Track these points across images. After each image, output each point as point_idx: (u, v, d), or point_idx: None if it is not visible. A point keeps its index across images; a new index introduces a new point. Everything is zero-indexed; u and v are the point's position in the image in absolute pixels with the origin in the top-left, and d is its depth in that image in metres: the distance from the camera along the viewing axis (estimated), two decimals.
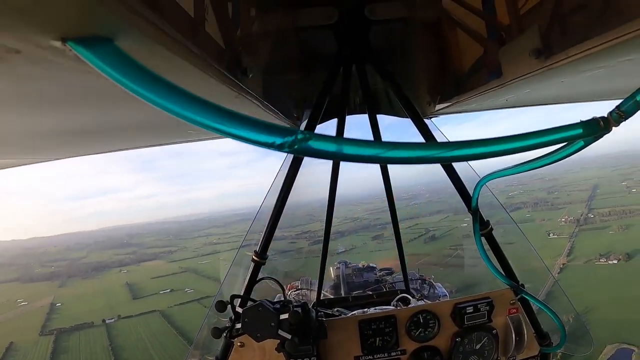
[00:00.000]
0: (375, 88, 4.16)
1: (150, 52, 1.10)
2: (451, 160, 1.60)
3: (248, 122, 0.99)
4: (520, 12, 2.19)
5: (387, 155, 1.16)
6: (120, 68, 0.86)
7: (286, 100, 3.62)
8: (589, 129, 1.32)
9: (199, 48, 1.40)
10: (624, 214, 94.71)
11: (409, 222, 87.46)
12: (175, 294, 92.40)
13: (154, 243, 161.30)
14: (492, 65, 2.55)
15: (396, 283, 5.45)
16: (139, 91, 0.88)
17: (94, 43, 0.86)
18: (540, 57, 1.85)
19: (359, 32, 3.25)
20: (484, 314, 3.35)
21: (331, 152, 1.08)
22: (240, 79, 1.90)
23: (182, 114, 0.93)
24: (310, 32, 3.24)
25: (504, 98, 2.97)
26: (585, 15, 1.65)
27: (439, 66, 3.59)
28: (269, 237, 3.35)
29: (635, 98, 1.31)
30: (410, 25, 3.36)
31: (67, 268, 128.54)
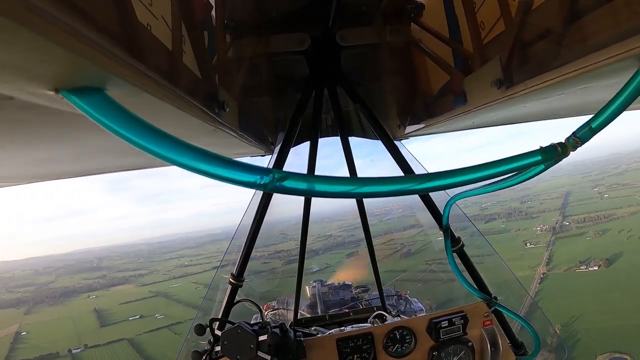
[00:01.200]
0: (347, 110, 4.21)
1: (135, 96, 1.15)
2: (421, 192, 1.65)
3: (229, 165, 1.07)
4: (483, 41, 2.34)
5: (359, 191, 1.26)
6: (109, 115, 0.93)
7: (261, 126, 3.76)
8: (547, 155, 1.42)
9: (179, 87, 1.48)
10: (599, 220, 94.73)
11: (383, 238, 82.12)
12: (144, 320, 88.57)
13: (124, 266, 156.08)
14: (457, 91, 2.64)
15: (372, 300, 5.49)
16: (127, 137, 0.95)
17: (84, 92, 0.92)
18: (502, 88, 1.98)
19: (331, 57, 3.34)
20: (459, 327, 3.34)
21: (305, 190, 1.20)
22: (218, 114, 1.97)
23: (167, 157, 1.00)
24: (283, 58, 3.31)
25: (470, 121, 3.02)
26: (544, 47, 1.77)
27: (409, 90, 3.78)
28: (245, 259, 3.43)
29: (590, 125, 1.40)
30: (380, 51, 3.50)
31: (34, 294, 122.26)
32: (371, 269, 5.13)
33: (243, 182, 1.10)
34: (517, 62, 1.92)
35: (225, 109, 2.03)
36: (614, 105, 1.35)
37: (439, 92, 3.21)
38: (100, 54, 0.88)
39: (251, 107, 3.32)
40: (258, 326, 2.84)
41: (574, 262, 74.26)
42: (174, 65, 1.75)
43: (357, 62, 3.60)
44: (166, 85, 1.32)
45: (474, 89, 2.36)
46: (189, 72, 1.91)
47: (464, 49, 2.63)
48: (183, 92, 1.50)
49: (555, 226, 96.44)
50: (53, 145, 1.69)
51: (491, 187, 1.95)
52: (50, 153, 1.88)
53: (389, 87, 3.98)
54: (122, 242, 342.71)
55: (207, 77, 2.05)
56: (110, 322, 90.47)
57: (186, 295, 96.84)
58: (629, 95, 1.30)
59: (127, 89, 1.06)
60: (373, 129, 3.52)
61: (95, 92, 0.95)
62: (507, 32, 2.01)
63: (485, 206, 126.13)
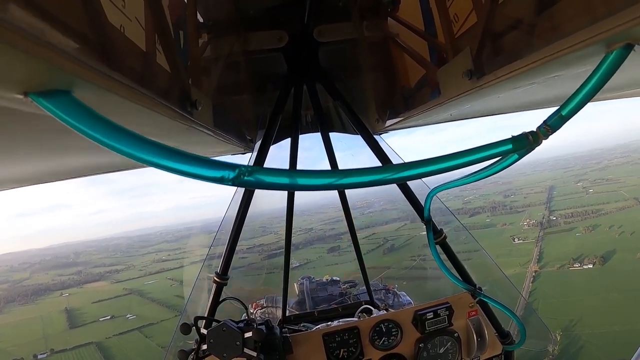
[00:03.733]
0: (327, 106, 4.25)
1: (105, 98, 1.17)
2: (398, 181, 1.62)
3: (194, 160, 1.07)
4: (457, 34, 2.34)
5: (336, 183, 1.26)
6: (77, 116, 0.96)
7: (239, 123, 3.78)
8: (518, 144, 1.43)
9: (150, 89, 1.50)
10: (587, 215, 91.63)
11: (365, 232, 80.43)
12: (115, 321, 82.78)
13: (101, 261, 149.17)
14: (433, 84, 2.67)
15: (360, 295, 5.46)
16: (94, 136, 0.97)
17: (53, 95, 0.95)
18: (473, 78, 1.99)
19: (309, 54, 3.35)
20: (444, 318, 3.38)
21: (274, 183, 1.17)
22: (190, 112, 1.97)
23: (134, 155, 1.01)
24: (261, 55, 3.31)
25: (448, 113, 3.06)
26: (514, 37, 1.79)
27: (387, 84, 3.79)
28: (228, 257, 3.44)
29: (561, 113, 1.41)
30: (358, 46, 3.50)
31: (6, 292, 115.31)
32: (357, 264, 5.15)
33: (209, 177, 1.09)
34: (488, 53, 1.94)
35: (198, 107, 2.01)
36: (583, 92, 1.36)
37: (416, 86, 3.22)
38: (67, 59, 0.90)
39: (229, 105, 3.36)
40: (243, 323, 2.85)
41: (567, 260, 70.69)
42: (147, 66, 1.76)
43: (335, 57, 3.56)
44: (135, 87, 1.32)
45: (446, 81, 2.38)
46: (162, 71, 1.90)
47: (438, 41, 2.61)
48: (154, 92, 1.52)
49: (542, 221, 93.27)
50: (28, 150, 1.68)
51: (469, 179, 1.98)
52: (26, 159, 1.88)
53: (367, 81, 3.96)
54: (101, 235, 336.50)
55: (179, 76, 2.00)
56: (80, 323, 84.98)
57: (160, 293, 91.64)
58: (597, 81, 1.32)
59: (95, 92, 1.08)
60: (352, 124, 3.53)
61: (63, 95, 0.96)
62: (479, 23, 2.01)
63: (468, 199, 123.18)
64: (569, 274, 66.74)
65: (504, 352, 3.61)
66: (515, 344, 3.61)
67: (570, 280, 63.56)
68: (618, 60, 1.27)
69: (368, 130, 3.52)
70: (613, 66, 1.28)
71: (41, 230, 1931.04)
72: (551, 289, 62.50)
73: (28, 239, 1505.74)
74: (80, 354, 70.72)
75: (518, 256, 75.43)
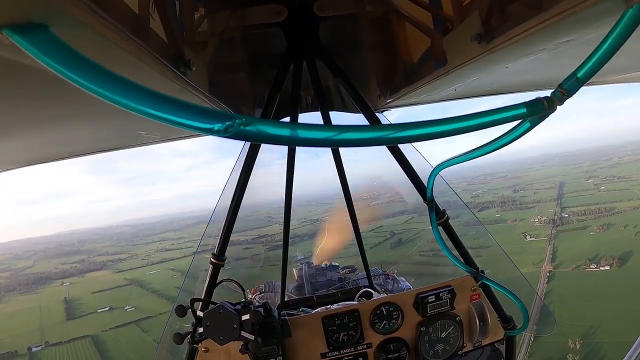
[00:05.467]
0: (327, 84, 4.16)
1: (88, 40, 1.07)
2: (400, 141, 1.37)
3: (185, 107, 0.98)
4: (463, 2, 2.23)
5: (335, 138, 1.18)
6: (54, 54, 0.87)
7: (237, 101, 3.54)
8: (533, 108, 1.34)
9: (142, 41, 1.42)
10: (600, 213, 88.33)
11: (371, 225, 77.53)
12: (113, 312, 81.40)
13: (105, 249, 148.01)
14: (438, 55, 2.57)
15: (359, 280, 5.35)
16: (71, 76, 0.88)
17: (29, 30, 0.86)
18: (482, 42, 1.92)
19: (309, 29, 3.22)
20: (446, 301, 3.34)
21: (273, 135, 1.07)
22: (184, 72, 1.88)
23: (116, 99, 0.92)
24: (259, 30, 3.14)
25: (452, 88, 3.05)
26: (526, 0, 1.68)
27: (389, 59, 3.68)
28: (225, 237, 3.34)
29: (577, 75, 1.31)
30: (359, 20, 3.34)
31: (8, 280, 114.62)
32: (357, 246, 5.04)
33: (200, 127, 0.98)
34: (497, 15, 1.83)
35: (192, 67, 1.89)
36: (600, 51, 1.25)
37: (420, 59, 3.09)
38: None
39: (226, 80, 3.23)
40: (241, 306, 2.81)
41: (582, 260, 67.43)
42: (139, 28, 1.58)
43: (336, 33, 3.38)
44: (126, 33, 1.19)
45: (453, 48, 2.30)
46: (155, 36, 1.73)
47: (444, 12, 2.49)
48: (146, 45, 1.42)
49: (554, 218, 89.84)
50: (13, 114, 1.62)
51: (476, 152, 1.91)
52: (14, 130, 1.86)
53: (368, 57, 3.83)
54: (106, 223, 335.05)
55: (174, 42, 1.88)
56: (78, 314, 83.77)
57: (161, 284, 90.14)
58: (616, 39, 1.21)
59: (77, 30, 0.98)
60: (354, 101, 3.49)
61: (41, 30, 0.88)
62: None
63: (476, 194, 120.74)
64: (585, 275, 63.66)
65: (505, 337, 3.60)
66: (518, 329, 3.57)
67: (586, 282, 60.58)
68: (639, 15, 1.15)
69: (370, 108, 3.42)
70: (633, 22, 1.17)
71: (48, 217, 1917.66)
72: (567, 291, 59.60)
73: (35, 225, 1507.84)
74: (75, 348, 69.79)
75: (530, 254, 72.50)
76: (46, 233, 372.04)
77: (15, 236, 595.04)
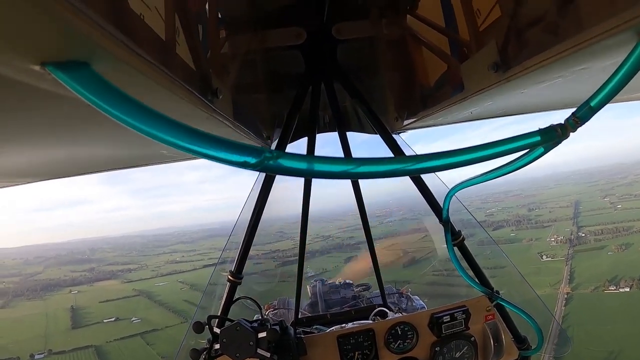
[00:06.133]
0: (344, 105, 4.27)
1: (124, 74, 1.13)
2: (418, 172, 1.52)
3: (218, 143, 1.03)
4: (480, 28, 2.32)
5: (356, 171, 1.26)
6: (95, 90, 0.91)
7: (256, 121, 3.74)
8: (547, 136, 1.39)
9: (171, 70, 1.46)
10: (618, 232, 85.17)
11: (384, 242, 75.12)
12: (119, 323, 79.68)
13: (115, 259, 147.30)
14: (455, 80, 2.63)
15: (373, 298, 5.31)
16: (113, 113, 0.93)
17: (71, 67, 0.90)
18: (499, 71, 1.96)
19: (327, 52, 3.32)
20: (460, 322, 3.34)
21: (299, 169, 1.16)
22: (211, 100, 1.95)
23: (156, 135, 0.97)
24: (279, 52, 3.29)
25: (468, 111, 3.04)
26: (540, 28, 1.74)
27: (406, 82, 3.74)
28: (243, 256, 3.40)
29: (590, 104, 1.37)
30: (377, 43, 3.47)
31: (17, 285, 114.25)
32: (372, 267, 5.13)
33: (232, 161, 1.05)
34: (514, 45, 1.89)
35: (219, 95, 1.98)
36: (613, 82, 1.30)
37: (437, 83, 3.21)
38: (88, 25, 0.85)
39: (247, 102, 3.31)
40: (257, 323, 2.85)
41: (601, 281, 64.61)
42: (167, 55, 1.74)
43: (353, 55, 3.53)
44: (157, 65, 1.25)
45: (470, 74, 2.34)
46: (182, 62, 1.87)
47: (460, 37, 2.59)
48: (174, 73, 1.48)
49: (571, 237, 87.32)
50: (45, 137, 1.66)
51: (491, 175, 1.91)
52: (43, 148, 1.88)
53: (386, 80, 3.95)
54: (118, 233, 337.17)
55: (200, 69, 1.99)
56: (84, 323, 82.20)
57: (169, 296, 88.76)
58: (628, 70, 1.25)
59: (114, 65, 1.04)
60: (371, 123, 3.52)
61: (82, 67, 0.92)
62: (503, 17, 2.00)
63: (490, 212, 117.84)
64: (604, 297, 60.95)
65: (520, 357, 3.56)
66: (532, 350, 3.54)
67: (606, 305, 57.98)
68: None
69: (387, 129, 3.48)
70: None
71: (61, 224, 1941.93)
72: (586, 314, 57.19)
73: (48, 232, 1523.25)
74: (78, 357, 68.75)
75: (547, 275, 70.06)
76: (58, 240, 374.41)
77: (27, 241, 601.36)
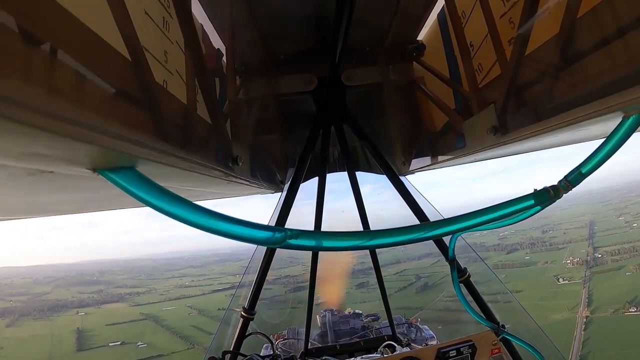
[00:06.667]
0: (354, 146, 4.39)
1: (162, 171, 1.33)
2: (425, 239, 1.59)
3: (245, 225, 1.21)
4: (481, 84, 2.41)
5: (368, 244, 1.42)
6: (140, 188, 1.10)
7: (270, 165, 3.87)
8: (540, 198, 1.54)
9: (195, 150, 1.66)
10: (635, 252, 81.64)
11: (395, 268, 78.15)
12: (125, 347, 77.78)
13: (124, 282, 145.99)
14: (458, 130, 2.71)
15: (382, 328, 5.45)
16: (155, 206, 1.12)
17: (119, 170, 1.08)
18: (497, 134, 2.06)
19: (337, 97, 3.40)
20: (467, 356, 3.34)
21: (317, 246, 1.35)
22: (232, 169, 2.09)
23: (189, 221, 1.15)
24: (291, 97, 3.39)
25: (473, 158, 3.08)
26: (537, 94, 1.83)
27: (413, 127, 3.85)
28: (256, 293, 3.50)
29: (581, 170, 1.50)
30: (385, 89, 3.59)
31: (24, 304, 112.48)
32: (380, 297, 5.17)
33: (258, 240, 1.24)
34: (512, 110, 1.98)
35: (239, 163, 2.14)
36: (602, 153, 1.44)
37: (442, 130, 3.27)
38: (129, 142, 1.01)
39: (262, 149, 3.44)
40: (269, 358, 2.98)
41: (621, 303, 61.77)
42: (188, 119, 1.85)
43: (362, 100, 3.64)
44: (184, 156, 1.44)
45: (472, 134, 2.43)
46: (202, 122, 2.00)
47: (462, 89, 2.65)
48: (202, 156, 1.65)
49: (587, 259, 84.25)
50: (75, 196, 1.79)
51: (492, 225, 1.97)
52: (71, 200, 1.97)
53: (393, 124, 4.09)
54: (129, 256, 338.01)
55: (219, 125, 2.14)
56: (89, 346, 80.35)
57: (177, 321, 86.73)
58: (615, 143, 1.40)
59: (153, 165, 1.21)
60: (379, 165, 3.55)
61: (127, 170, 1.09)
62: (503, 76, 2.08)
63: (503, 235, 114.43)
64: (625, 319, 58.12)
65: None
66: None
67: (628, 328, 55.10)
68: (635, 125, 1.36)
69: (394, 172, 3.54)
70: (630, 130, 1.37)
71: (75, 245, 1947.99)
72: (607, 338, 54.21)
73: (59, 252, 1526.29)
74: None
75: (565, 299, 67.61)
76: (69, 261, 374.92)
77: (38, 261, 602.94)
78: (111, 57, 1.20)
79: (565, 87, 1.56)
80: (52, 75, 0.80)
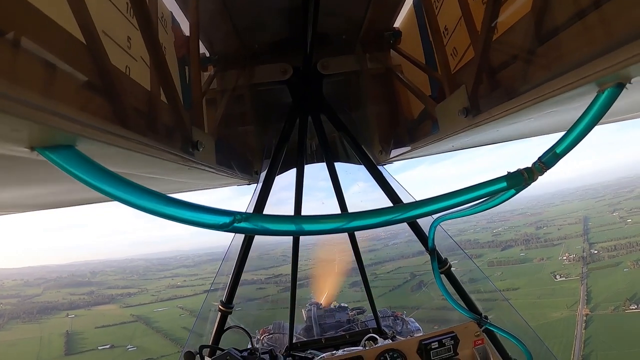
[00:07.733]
0: (332, 136, 4.27)
1: (108, 150, 1.25)
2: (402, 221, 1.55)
3: (191, 207, 1.15)
4: (455, 68, 2.38)
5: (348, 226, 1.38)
6: (79, 168, 1.03)
7: (244, 156, 3.79)
8: (513, 181, 1.49)
9: (153, 131, 1.66)
10: (632, 247, 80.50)
11: (390, 265, 76.29)
12: (114, 351, 76.03)
13: (115, 283, 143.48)
14: (434, 116, 2.67)
15: (368, 321, 5.42)
16: (96, 186, 1.04)
17: (56, 149, 1.02)
18: (469, 116, 2.03)
19: (313, 86, 3.34)
20: (449, 347, 3.31)
21: (262, 229, 1.27)
22: (192, 154, 2.04)
23: (134, 204, 1.09)
24: (265, 87, 3.32)
25: (449, 145, 3.05)
26: (507, 75, 1.82)
27: (390, 115, 3.79)
28: (234, 285, 3.42)
29: (555, 150, 1.45)
30: (362, 78, 3.53)
31: (14, 307, 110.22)
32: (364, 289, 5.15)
33: (205, 223, 1.16)
34: (483, 91, 1.96)
35: (199, 148, 2.07)
36: (576, 131, 1.38)
37: (419, 118, 3.23)
38: (69, 120, 0.97)
39: (234, 137, 3.43)
40: (247, 352, 2.90)
41: (620, 300, 60.53)
42: (151, 105, 1.82)
43: (339, 89, 3.62)
44: (137, 138, 1.38)
45: (444, 118, 2.41)
46: (167, 109, 1.96)
47: (437, 75, 2.63)
48: (156, 136, 1.65)
49: (583, 255, 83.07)
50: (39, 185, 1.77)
51: (469, 211, 1.99)
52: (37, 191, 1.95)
53: (370, 113, 4.00)
54: (121, 256, 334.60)
55: (180, 115, 2.06)
56: (78, 349, 78.56)
57: (168, 323, 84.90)
58: (590, 120, 1.35)
59: (99, 145, 1.14)
60: (357, 155, 3.52)
61: (67, 149, 1.03)
62: (474, 59, 2.04)
63: (497, 232, 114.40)
64: (626, 317, 56.79)
65: None
66: None
67: (629, 325, 53.78)
68: (610, 99, 1.30)
69: (372, 161, 3.51)
70: (605, 105, 1.31)
71: (68, 246, 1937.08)
72: (609, 336, 52.77)
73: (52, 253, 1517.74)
74: None
75: (563, 296, 66.32)
76: (60, 262, 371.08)
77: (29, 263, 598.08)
78: (60, 38, 1.17)
79: (538, 65, 1.54)
80: None
